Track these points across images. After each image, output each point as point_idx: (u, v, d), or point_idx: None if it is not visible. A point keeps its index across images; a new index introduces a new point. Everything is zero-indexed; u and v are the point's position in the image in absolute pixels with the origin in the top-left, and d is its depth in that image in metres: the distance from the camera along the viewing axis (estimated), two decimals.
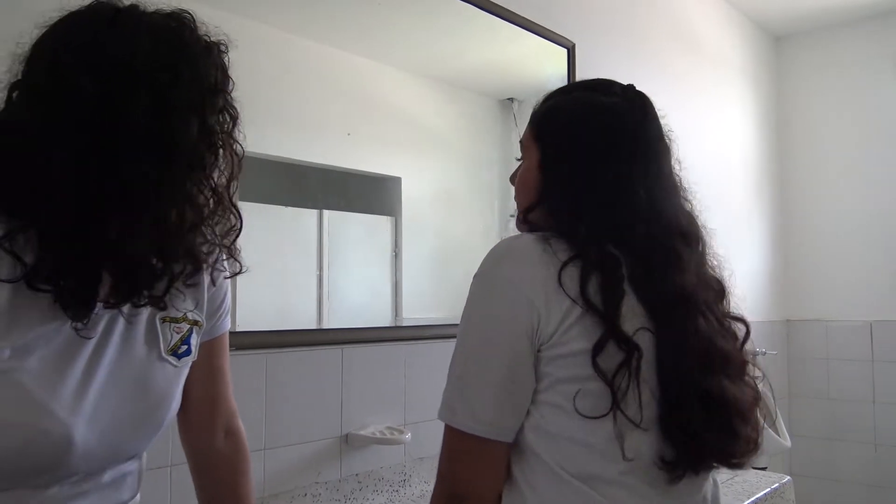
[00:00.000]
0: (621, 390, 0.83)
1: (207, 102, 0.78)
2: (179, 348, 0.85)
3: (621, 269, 0.88)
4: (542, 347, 0.86)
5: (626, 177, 0.93)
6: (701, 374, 0.88)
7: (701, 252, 1.00)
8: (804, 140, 3.82)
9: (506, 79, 2.38)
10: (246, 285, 1.50)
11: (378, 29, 1.92)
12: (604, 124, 0.96)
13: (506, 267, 0.89)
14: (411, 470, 1.74)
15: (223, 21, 1.54)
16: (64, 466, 0.73)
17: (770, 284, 3.69)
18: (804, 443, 3.60)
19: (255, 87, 1.58)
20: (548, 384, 0.87)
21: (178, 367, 0.85)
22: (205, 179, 0.78)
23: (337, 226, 1.79)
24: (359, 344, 1.69)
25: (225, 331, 0.98)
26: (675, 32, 3.08)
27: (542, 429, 0.88)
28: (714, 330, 0.92)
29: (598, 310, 0.84)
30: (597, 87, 1.01)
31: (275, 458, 1.48)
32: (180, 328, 0.85)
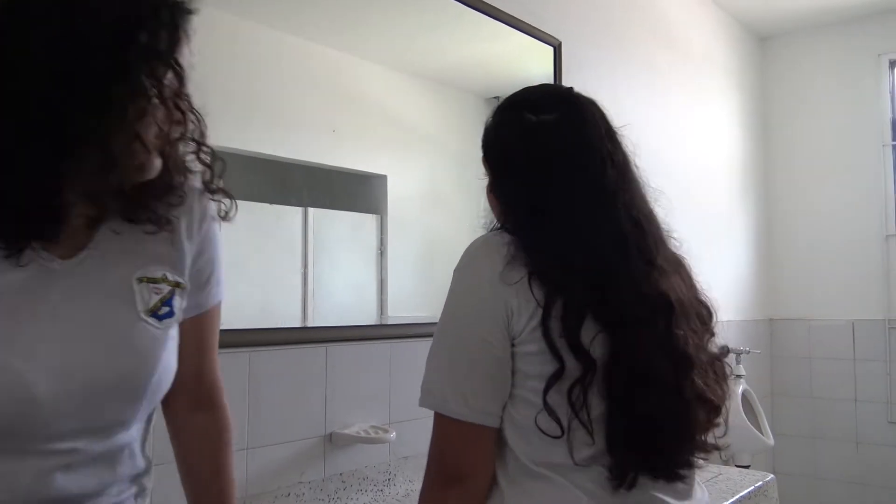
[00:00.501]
0: (576, 406, 0.87)
1: (128, 38, 0.73)
2: (160, 309, 0.82)
3: (579, 293, 0.89)
4: (514, 342, 0.91)
5: (564, 193, 0.95)
6: (649, 384, 0.89)
7: (654, 243, 0.98)
8: (788, 140, 3.85)
9: (492, 77, 2.37)
10: (230, 283, 1.51)
11: (363, 25, 1.91)
12: (532, 146, 0.98)
13: (479, 264, 0.94)
14: (396, 469, 1.74)
15: (204, 16, 1.53)
16: (35, 424, 0.71)
17: (753, 284, 3.71)
18: (787, 441, 3.63)
19: (238, 83, 1.58)
20: (519, 379, 0.92)
21: (160, 328, 0.82)
22: (123, 125, 0.73)
23: (322, 224, 1.79)
24: (343, 342, 1.67)
25: (216, 302, 0.95)
26: (661, 32, 3.09)
27: (514, 421, 0.92)
28: (673, 334, 0.93)
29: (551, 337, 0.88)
30: (529, 103, 1.02)
31: (258, 457, 1.47)
32: (159, 289, 0.82)
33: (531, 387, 0.90)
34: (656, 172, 1.09)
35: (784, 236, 3.83)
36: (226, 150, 1.54)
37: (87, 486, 0.77)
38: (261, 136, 1.65)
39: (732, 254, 3.56)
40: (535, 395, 0.89)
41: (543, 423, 0.88)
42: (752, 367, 3.46)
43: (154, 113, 0.75)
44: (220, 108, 1.52)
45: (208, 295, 0.93)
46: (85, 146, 0.71)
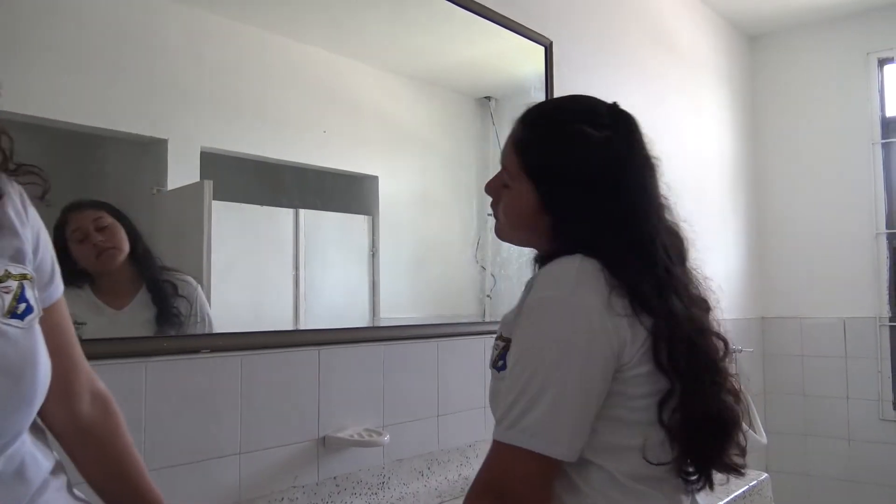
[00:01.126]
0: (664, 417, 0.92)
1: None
2: (17, 308, 0.75)
3: (678, 314, 0.95)
4: (621, 369, 0.91)
5: (646, 213, 0.98)
6: (710, 393, 0.95)
7: (688, 269, 1.04)
8: (778, 138, 3.86)
9: (483, 77, 2.38)
10: (221, 285, 1.51)
11: (353, 26, 1.91)
12: (601, 163, 0.97)
13: (585, 295, 0.90)
14: (390, 472, 1.72)
15: (196, 19, 1.52)
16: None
17: (745, 282, 3.72)
18: (779, 439, 3.64)
19: (227, 84, 1.57)
20: (619, 400, 0.92)
21: (25, 327, 0.75)
22: None
23: (313, 225, 1.78)
24: (336, 345, 1.66)
25: (60, 294, 0.88)
26: (651, 31, 3.09)
27: (604, 441, 0.93)
28: (711, 347, 0.98)
29: (668, 372, 0.91)
30: (585, 116, 1.01)
31: (251, 462, 1.45)
32: (7, 287, 0.75)
33: (634, 406, 0.92)
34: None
35: (775, 235, 3.84)
36: (216, 150, 1.55)
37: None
38: (251, 137, 1.64)
39: (724, 253, 3.57)
40: (636, 414, 0.92)
41: (650, 452, 0.92)
42: (745, 365, 3.47)
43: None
44: (212, 109, 1.53)
45: (54, 285, 0.87)
46: None
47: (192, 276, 1.48)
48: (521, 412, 0.88)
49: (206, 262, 1.51)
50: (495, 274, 2.22)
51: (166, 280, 1.44)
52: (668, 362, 0.91)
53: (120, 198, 1.38)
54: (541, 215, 0.99)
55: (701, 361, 0.94)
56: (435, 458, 1.85)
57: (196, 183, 1.51)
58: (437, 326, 1.97)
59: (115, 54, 1.38)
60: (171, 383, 1.34)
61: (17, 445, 0.75)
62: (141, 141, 1.45)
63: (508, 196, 1.02)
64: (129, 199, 1.41)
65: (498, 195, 1.05)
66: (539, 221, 0.99)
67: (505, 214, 1.04)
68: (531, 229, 1.01)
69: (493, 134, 2.29)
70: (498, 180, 1.05)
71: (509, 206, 1.03)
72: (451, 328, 1.99)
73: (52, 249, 0.86)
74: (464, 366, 1.96)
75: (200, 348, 1.39)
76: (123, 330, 1.37)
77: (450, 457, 1.88)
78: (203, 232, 1.51)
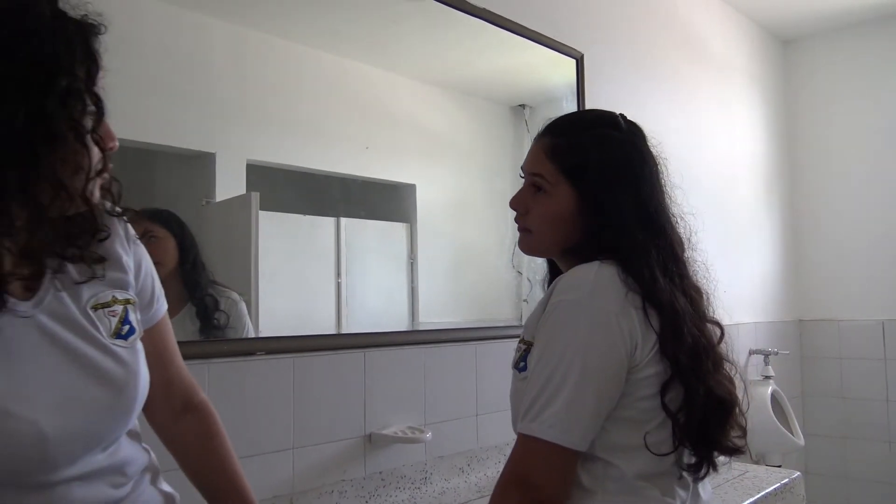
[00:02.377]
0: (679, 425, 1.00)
1: (45, 85, 0.71)
2: (122, 329, 0.85)
3: (686, 316, 1.03)
4: (632, 370, 0.99)
5: (662, 206, 1.10)
6: (709, 377, 1.03)
7: (688, 258, 1.12)
8: (813, 141, 3.85)
9: (516, 86, 2.43)
10: (266, 292, 1.59)
11: (390, 40, 1.98)
12: (627, 158, 1.09)
13: (601, 299, 0.99)
14: (432, 468, 1.81)
15: (239, 37, 1.60)
16: (48, 458, 0.75)
17: (781, 286, 3.73)
18: (818, 441, 3.64)
19: (270, 98, 1.64)
20: (629, 401, 1.00)
21: (128, 346, 0.85)
22: (46, 174, 0.72)
23: (353, 233, 1.84)
24: (380, 347, 1.76)
25: (164, 313, 0.99)
26: (682, 40, 3.13)
27: (613, 440, 1.01)
28: (707, 334, 1.06)
29: (672, 358, 1.00)
30: (604, 122, 1.13)
31: (303, 456, 1.56)
32: (114, 311, 0.85)
33: (642, 407, 1.00)
34: (680, 178, 1.17)
35: (812, 238, 3.83)
36: (260, 163, 1.64)
37: (104, 494, 0.82)
38: (293, 149, 1.72)
39: (759, 256, 3.58)
40: (644, 415, 1.00)
41: (653, 440, 1.00)
42: (781, 368, 3.48)
43: (74, 156, 0.75)
44: (256, 123, 1.62)
45: (156, 307, 0.97)
46: (11, 205, 0.71)
47: (239, 283, 1.55)
48: (541, 406, 0.96)
49: (253, 270, 1.58)
50: (531, 279, 2.26)
51: (209, 294, 1.50)
52: (672, 349, 0.99)
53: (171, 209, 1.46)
54: (577, 215, 1.08)
55: (700, 346, 1.02)
56: (474, 455, 1.93)
57: (243, 195, 1.59)
58: (475, 330, 2.04)
59: (165, 74, 1.46)
60: (231, 383, 1.44)
61: (118, 445, 0.86)
62: (190, 155, 1.53)
63: (545, 202, 1.10)
64: (180, 211, 1.48)
65: (526, 207, 1.13)
66: (575, 222, 1.08)
67: (540, 221, 1.11)
68: (565, 232, 1.09)
69: (528, 141, 2.33)
70: (525, 194, 1.14)
71: (546, 211, 1.10)
72: (488, 331, 2.06)
73: (154, 275, 0.96)
74: (501, 367, 2.02)
75: (256, 351, 1.50)
76: None
77: (488, 454, 1.96)
78: (251, 241, 1.58)
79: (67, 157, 0.75)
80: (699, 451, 1.03)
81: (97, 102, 0.77)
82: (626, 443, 1.01)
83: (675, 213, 1.12)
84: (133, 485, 0.87)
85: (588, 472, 1.02)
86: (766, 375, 3.32)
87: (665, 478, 1.03)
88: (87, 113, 0.76)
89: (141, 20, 1.43)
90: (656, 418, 1.01)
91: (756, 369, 3.36)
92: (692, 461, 1.04)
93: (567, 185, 1.08)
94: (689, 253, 1.12)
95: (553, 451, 0.96)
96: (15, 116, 0.69)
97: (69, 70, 0.73)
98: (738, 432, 1.06)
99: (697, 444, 1.02)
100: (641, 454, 1.00)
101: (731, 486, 1.82)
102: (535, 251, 1.18)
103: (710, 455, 1.04)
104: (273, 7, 1.70)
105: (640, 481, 1.01)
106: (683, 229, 1.12)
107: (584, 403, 0.96)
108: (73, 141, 0.74)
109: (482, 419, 1.99)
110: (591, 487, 1.01)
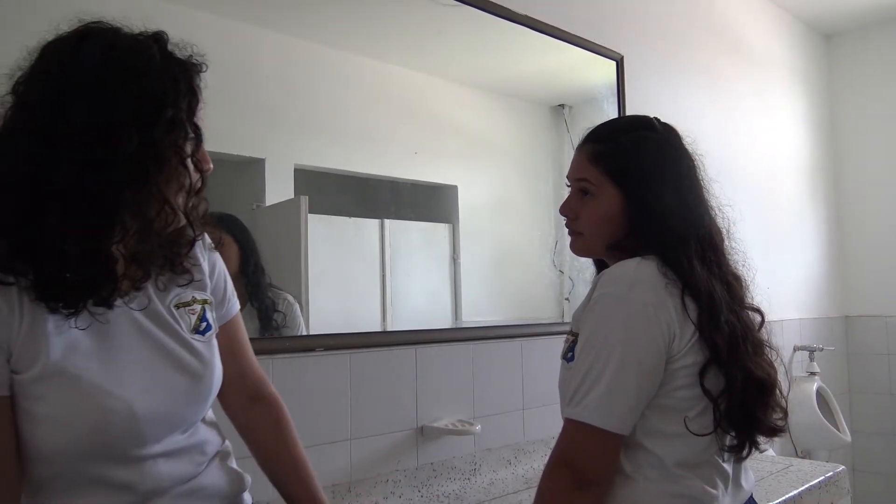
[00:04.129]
0: (719, 409, 1.05)
1: (154, 116, 0.83)
2: (200, 325, 0.97)
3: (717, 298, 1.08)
4: (671, 360, 1.05)
5: (700, 198, 1.16)
6: (748, 360, 1.08)
7: (727, 249, 1.18)
8: (857, 136, 3.82)
9: (556, 87, 2.46)
10: (315, 291, 1.65)
11: (431, 44, 2.04)
12: (665, 156, 1.16)
13: (640, 292, 1.05)
14: (481, 460, 1.88)
15: (289, 45, 1.67)
16: (137, 434, 0.86)
17: (827, 282, 3.70)
18: (865, 438, 3.60)
19: (315, 104, 1.70)
20: (667, 390, 1.05)
21: (205, 341, 0.97)
22: (153, 191, 0.84)
23: (398, 234, 1.91)
24: (430, 344, 1.83)
25: (237, 311, 1.10)
26: (723, 38, 3.14)
27: (653, 427, 1.06)
28: (745, 320, 1.12)
29: (710, 342, 1.05)
30: (641, 125, 1.20)
31: (359, 447, 1.64)
32: (193, 309, 0.97)
33: (681, 396, 1.05)
34: (723, 176, 1.23)
35: (857, 234, 3.80)
36: (307, 167, 1.71)
37: (186, 470, 0.93)
38: (338, 153, 1.78)
39: (803, 252, 3.56)
40: (683, 404, 1.06)
41: (695, 426, 1.05)
42: (827, 364, 3.46)
43: (177, 177, 0.87)
44: (302, 129, 1.68)
45: (229, 305, 1.08)
46: (125, 217, 0.84)
47: (290, 284, 1.62)
48: (584, 392, 1.03)
49: (303, 271, 1.65)
50: (573, 278, 2.31)
51: (268, 296, 1.57)
52: (710, 334, 1.04)
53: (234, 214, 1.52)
54: (622, 214, 1.14)
55: (738, 332, 1.07)
56: (521, 448, 1.99)
57: (293, 199, 1.66)
58: (520, 327, 2.10)
59: (218, 84, 1.51)
60: (293, 377, 1.53)
61: (196, 428, 0.97)
62: (241, 161, 1.60)
63: (592, 205, 1.17)
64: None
65: (576, 213, 1.20)
66: (621, 220, 1.14)
67: (590, 223, 1.18)
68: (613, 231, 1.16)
69: (568, 140, 2.35)
70: (573, 199, 1.20)
71: (594, 212, 1.17)
72: (533, 328, 2.12)
73: (227, 278, 1.07)
74: (545, 363, 2.08)
75: (315, 347, 1.59)
76: None
77: (535, 447, 2.02)
78: (300, 244, 1.65)
79: (171, 178, 0.87)
80: (741, 432, 1.08)
81: (196, 131, 0.89)
82: (666, 430, 1.06)
83: (713, 205, 1.18)
84: (209, 461, 0.98)
85: (630, 459, 1.07)
86: (811, 372, 3.31)
87: (705, 467, 1.08)
88: (188, 140, 0.88)
89: (199, 34, 1.49)
90: (696, 406, 1.06)
91: (801, 365, 3.35)
92: (734, 443, 1.09)
93: (611, 186, 1.15)
94: (728, 243, 1.18)
95: (595, 433, 1.02)
96: (130, 142, 0.81)
97: (174, 103, 0.85)
98: (779, 413, 1.11)
99: (738, 424, 1.07)
100: (681, 442, 1.06)
101: (775, 479, 1.84)
102: (587, 252, 1.24)
103: (753, 435, 1.09)
104: (319, 17, 1.76)
105: (680, 469, 1.06)
106: (722, 220, 1.18)
107: (624, 389, 1.02)
108: (177, 164, 0.87)
109: (528, 413, 2.05)
110: (632, 474, 1.07)
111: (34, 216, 0.79)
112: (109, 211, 0.82)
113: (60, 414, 0.82)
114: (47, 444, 0.83)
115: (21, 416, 0.82)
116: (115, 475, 0.86)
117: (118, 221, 0.83)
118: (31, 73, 0.84)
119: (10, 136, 0.82)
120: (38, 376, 0.81)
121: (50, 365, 0.82)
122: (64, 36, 0.86)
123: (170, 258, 0.94)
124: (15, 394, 0.82)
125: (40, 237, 0.80)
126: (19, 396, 0.82)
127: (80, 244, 0.81)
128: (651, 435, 1.06)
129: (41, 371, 0.81)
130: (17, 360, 0.81)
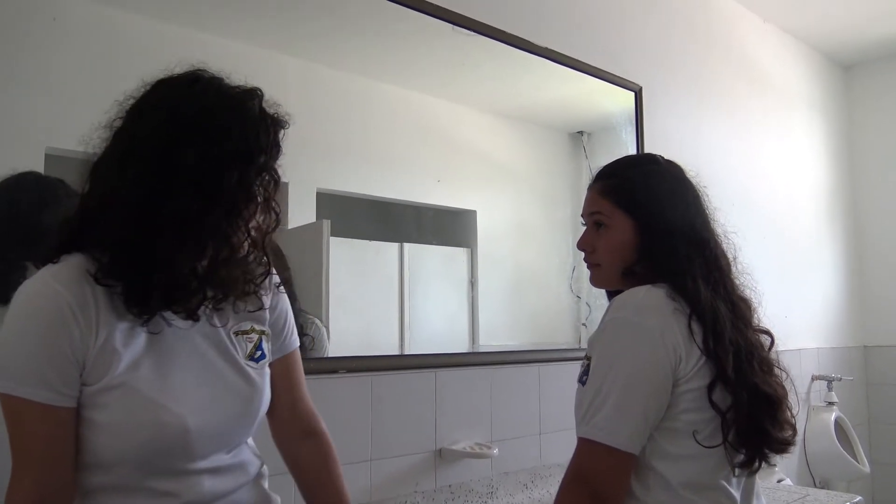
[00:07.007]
0: (727, 424, 1.08)
1: (250, 159, 0.93)
2: (255, 353, 1.04)
3: (722, 317, 1.12)
4: (677, 383, 1.09)
5: (706, 224, 1.22)
6: (755, 376, 1.12)
7: (734, 274, 1.23)
8: (876, 166, 3.83)
9: (575, 114, 2.50)
10: (334, 314, 1.68)
11: (451, 72, 2.08)
12: (671, 186, 1.24)
13: (647, 316, 1.10)
14: (498, 483, 1.90)
15: (307, 71, 1.70)
16: (188, 448, 0.93)
17: (845, 312, 3.69)
18: (885, 469, 3.57)
19: (337, 129, 1.75)
20: (674, 413, 1.09)
21: (258, 368, 1.04)
22: (240, 224, 0.94)
23: (416, 258, 1.94)
24: (449, 368, 1.86)
25: (295, 347, 1.16)
26: (742, 70, 3.18)
27: (662, 449, 1.10)
28: (751, 339, 1.16)
29: (715, 359, 1.09)
30: (646, 161, 1.29)
31: (379, 468, 1.67)
32: (251, 338, 1.04)
33: (688, 420, 1.09)
34: (740, 205, 1.27)
35: (875, 263, 3.79)
36: (328, 191, 1.75)
37: (228, 486, 0.99)
38: (359, 177, 1.82)
39: (822, 282, 3.56)
40: (689, 426, 1.09)
41: (704, 439, 1.08)
42: (845, 394, 3.44)
43: (258, 213, 0.97)
44: (324, 153, 1.71)
45: (287, 341, 1.14)
46: (216, 243, 0.93)
47: (312, 306, 1.64)
48: (594, 411, 1.08)
49: (325, 294, 1.68)
50: (590, 303, 2.32)
51: (298, 321, 1.62)
52: (714, 350, 1.08)
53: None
54: (636, 240, 1.20)
55: (743, 350, 1.11)
56: (538, 473, 2.01)
57: (315, 222, 1.69)
58: (537, 352, 2.12)
59: None
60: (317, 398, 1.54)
61: (240, 449, 1.04)
62: None
63: (607, 235, 1.24)
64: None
65: (592, 246, 1.26)
66: (635, 245, 1.20)
67: (606, 252, 1.24)
68: (627, 257, 1.21)
69: (586, 167, 2.40)
70: (589, 234, 1.27)
71: (609, 242, 1.23)
72: (550, 353, 2.15)
73: (288, 317, 1.15)
74: (562, 388, 2.10)
75: (339, 369, 1.63)
76: None
77: (551, 471, 2.03)
78: (322, 267, 1.68)
79: (255, 213, 0.97)
80: (749, 447, 1.10)
81: (276, 177, 0.99)
82: (674, 451, 1.10)
83: (718, 232, 1.24)
84: (252, 480, 1.05)
85: (640, 480, 1.11)
86: (829, 401, 3.29)
87: (713, 491, 1.11)
88: (272, 184, 0.98)
89: (225, 60, 1.56)
90: (704, 430, 1.09)
91: (819, 395, 3.34)
92: (744, 459, 1.11)
93: (623, 215, 1.22)
94: (735, 268, 1.23)
95: (604, 451, 1.07)
96: (231, 179, 0.91)
97: (265, 151, 0.95)
98: (788, 430, 1.14)
99: (747, 438, 1.10)
100: (689, 464, 1.09)
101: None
102: (606, 283, 1.29)
103: (762, 450, 1.11)
104: (346, 47, 1.82)
105: (687, 492, 1.09)
106: (728, 246, 1.24)
107: (631, 408, 1.07)
108: (261, 202, 0.97)
109: (545, 438, 2.07)
110: (641, 496, 1.11)
111: (146, 235, 0.88)
112: (207, 236, 0.91)
113: (120, 422, 0.89)
114: (108, 450, 0.89)
115: (82, 424, 0.89)
116: (161, 486, 0.92)
117: (210, 246, 0.93)
118: (143, 104, 0.94)
119: (120, 161, 0.91)
120: (103, 387, 0.89)
121: (115, 378, 0.89)
122: (177, 76, 0.96)
123: (245, 284, 1.01)
124: (80, 404, 0.89)
125: (153, 253, 0.88)
126: (82, 406, 0.89)
127: (188, 262, 0.91)
128: (659, 457, 1.10)
129: (107, 383, 0.89)
130: (89, 374, 0.89)
